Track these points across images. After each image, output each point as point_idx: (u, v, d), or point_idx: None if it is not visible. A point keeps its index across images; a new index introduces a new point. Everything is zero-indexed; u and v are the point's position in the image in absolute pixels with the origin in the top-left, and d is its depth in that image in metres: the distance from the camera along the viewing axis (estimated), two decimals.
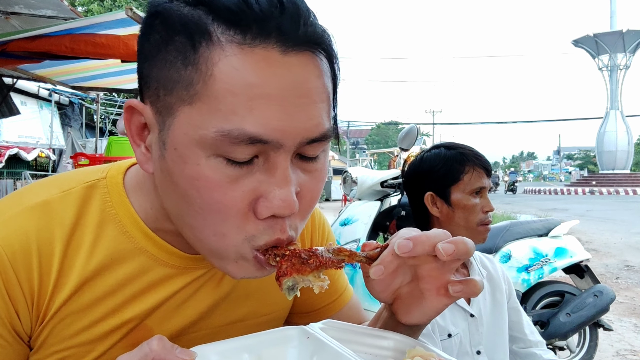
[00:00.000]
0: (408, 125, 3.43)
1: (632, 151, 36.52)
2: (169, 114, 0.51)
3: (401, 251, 0.53)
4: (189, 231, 0.56)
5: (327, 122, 0.53)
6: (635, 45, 34.82)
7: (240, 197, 0.51)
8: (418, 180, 1.45)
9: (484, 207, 1.36)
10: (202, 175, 0.50)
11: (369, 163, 20.91)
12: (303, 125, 0.50)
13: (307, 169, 0.55)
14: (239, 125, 0.47)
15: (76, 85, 5.35)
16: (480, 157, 1.39)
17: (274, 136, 0.49)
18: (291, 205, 0.51)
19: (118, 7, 15.08)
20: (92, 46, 3.05)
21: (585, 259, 3.15)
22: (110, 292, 0.61)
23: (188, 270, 0.65)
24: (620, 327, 4.19)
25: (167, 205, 0.58)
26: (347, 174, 3.51)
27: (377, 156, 32.20)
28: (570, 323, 2.88)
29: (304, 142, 0.51)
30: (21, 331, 0.58)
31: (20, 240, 0.57)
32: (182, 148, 0.50)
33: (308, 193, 0.55)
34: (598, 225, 11.76)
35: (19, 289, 0.56)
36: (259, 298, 0.74)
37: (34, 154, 8.99)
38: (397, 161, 4.23)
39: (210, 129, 0.48)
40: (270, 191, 0.51)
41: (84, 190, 0.63)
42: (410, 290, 0.60)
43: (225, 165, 0.50)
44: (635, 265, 6.91)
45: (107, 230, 0.61)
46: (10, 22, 3.92)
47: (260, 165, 0.51)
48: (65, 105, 9.98)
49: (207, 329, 0.69)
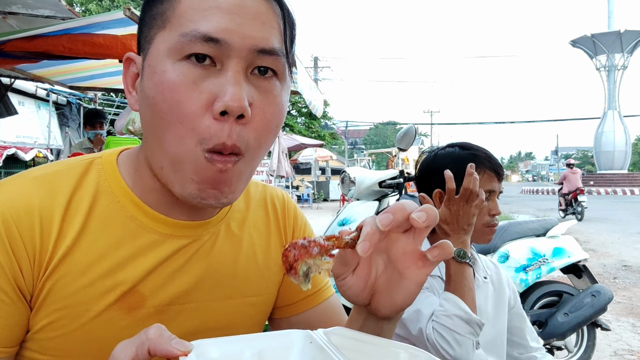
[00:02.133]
0: (406, 125, 3.43)
1: (629, 151, 36.61)
2: (149, 45, 0.62)
3: (384, 224, 0.54)
4: (158, 148, 0.63)
5: (277, 44, 0.62)
6: (632, 45, 34.93)
7: (197, 97, 0.59)
8: (428, 177, 1.46)
9: (490, 210, 1.36)
10: (167, 79, 0.59)
11: (367, 163, 20.95)
12: (250, 33, 0.59)
13: (262, 87, 0.62)
14: (194, 27, 0.58)
15: (74, 85, 5.33)
16: (493, 160, 1.38)
17: (223, 36, 0.58)
18: (240, 101, 0.58)
19: (116, 6, 15.05)
20: (90, 46, 3.04)
21: (583, 259, 3.16)
22: (104, 254, 0.66)
23: (172, 237, 0.70)
24: (618, 327, 4.20)
25: (146, 132, 0.65)
26: (345, 174, 3.51)
27: (375, 156, 32.26)
28: (568, 323, 2.88)
29: (253, 50, 0.60)
30: (23, 287, 0.62)
31: (24, 203, 0.63)
32: (155, 62, 0.61)
33: (260, 111, 0.62)
34: (596, 225, 11.79)
35: (22, 246, 0.61)
36: (245, 279, 0.77)
37: (32, 154, 8.97)
38: (395, 161, 4.23)
39: (174, 37, 0.59)
40: (223, 90, 0.58)
41: (82, 165, 0.70)
42: (387, 276, 0.61)
43: (187, 67, 0.59)
44: (632, 265, 6.93)
45: (100, 200, 0.68)
46: (8, 22, 3.91)
47: (217, 71, 0.59)
48: (63, 105, 9.95)
49: (196, 302, 0.72)
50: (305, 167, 23.63)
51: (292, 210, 0.89)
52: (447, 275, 1.25)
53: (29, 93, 8.79)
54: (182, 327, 0.70)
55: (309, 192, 19.94)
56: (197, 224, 0.72)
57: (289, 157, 16.85)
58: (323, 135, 27.41)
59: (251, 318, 0.80)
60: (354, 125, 61.14)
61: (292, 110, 26.68)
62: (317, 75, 34.62)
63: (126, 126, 4.88)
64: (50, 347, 0.64)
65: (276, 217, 0.86)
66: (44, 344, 0.64)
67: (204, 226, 0.73)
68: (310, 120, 26.74)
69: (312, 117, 25.78)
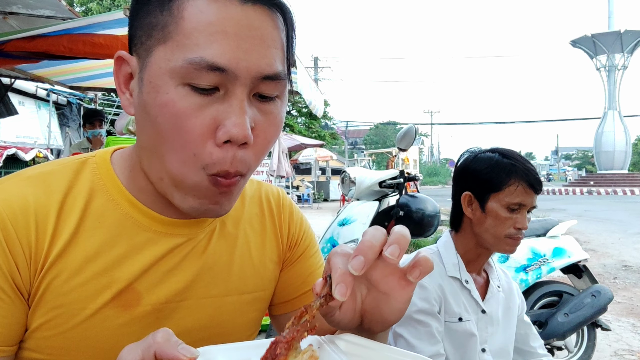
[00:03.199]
0: (406, 125, 3.43)
1: (629, 151, 36.57)
2: (148, 54, 0.61)
3: (357, 269, 0.51)
4: (158, 162, 0.63)
5: (281, 66, 0.62)
6: (633, 45, 34.89)
7: (200, 123, 0.59)
8: (463, 177, 1.44)
9: (516, 223, 1.34)
10: (170, 101, 0.58)
11: (367, 163, 20.91)
12: (256, 61, 0.59)
13: (263, 109, 0.62)
14: (200, 54, 0.57)
15: (74, 85, 5.33)
16: (531, 173, 1.33)
17: (229, 65, 0.57)
18: (245, 130, 0.58)
19: (117, 6, 15.05)
20: (90, 46, 3.04)
21: (583, 259, 3.16)
22: (99, 252, 0.66)
23: (167, 235, 0.70)
24: (618, 327, 4.20)
25: (143, 142, 0.65)
26: (345, 174, 3.52)
27: (376, 156, 32.22)
28: (568, 323, 2.88)
29: (258, 77, 0.59)
30: (21, 285, 0.62)
31: (20, 202, 0.63)
32: (156, 79, 0.59)
33: (262, 133, 0.63)
34: (596, 225, 11.79)
35: (19, 244, 0.62)
36: (241, 277, 0.78)
37: (32, 154, 8.96)
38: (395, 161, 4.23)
39: (178, 60, 0.57)
40: (228, 118, 0.58)
41: (76, 164, 0.71)
42: (373, 298, 0.59)
43: (191, 93, 0.58)
44: (633, 266, 6.92)
45: (95, 198, 0.68)
46: (8, 22, 3.91)
47: (221, 97, 0.59)
48: (63, 105, 9.94)
49: (192, 299, 0.72)
50: (306, 167, 23.62)
51: (287, 206, 0.89)
52: None
53: (29, 93, 8.79)
54: (179, 325, 0.70)
55: (309, 192, 19.94)
56: (192, 223, 0.72)
57: (289, 157, 16.84)
58: (323, 136, 27.41)
59: (248, 315, 0.80)
60: (354, 125, 61.12)
61: (292, 110, 26.68)
62: (317, 75, 34.63)
63: (126, 126, 4.88)
64: (47, 346, 0.64)
65: (271, 214, 0.86)
66: (40, 343, 0.64)
67: (199, 224, 0.73)
68: (311, 120, 26.75)
69: (312, 117, 25.79)
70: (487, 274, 1.48)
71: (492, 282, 1.45)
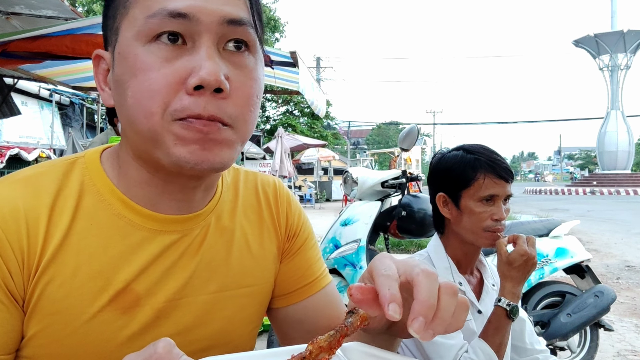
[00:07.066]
0: (409, 125, 3.43)
1: (632, 151, 36.46)
2: (116, 34, 0.61)
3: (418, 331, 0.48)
4: (131, 129, 0.62)
5: (246, 14, 0.61)
6: (636, 45, 34.78)
7: (170, 73, 0.58)
8: (435, 179, 1.46)
9: (493, 214, 1.34)
10: (139, 61, 0.58)
11: (370, 163, 20.91)
12: (217, 7, 0.59)
13: (236, 62, 0.61)
14: (161, 5, 0.57)
15: (77, 85, 5.34)
16: (496, 164, 1.34)
17: (191, 10, 0.57)
18: (216, 73, 0.57)
19: None
20: (93, 46, 3.05)
21: (586, 259, 3.15)
22: (93, 254, 0.64)
23: (162, 233, 0.69)
24: (621, 327, 4.19)
25: (124, 124, 0.64)
26: (347, 174, 3.51)
27: (378, 156, 32.20)
28: (571, 323, 2.87)
29: (221, 22, 0.59)
30: (15, 292, 0.60)
31: (9, 206, 0.61)
32: (124, 48, 0.60)
33: (240, 85, 0.61)
34: (599, 225, 11.75)
35: (10, 249, 0.60)
36: (239, 270, 0.76)
37: (35, 154, 8.99)
38: (397, 161, 4.23)
39: (141, 20, 0.58)
40: (197, 65, 0.58)
41: (65, 165, 0.69)
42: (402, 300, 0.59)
43: (158, 48, 0.58)
44: (636, 266, 6.90)
45: (86, 198, 0.67)
46: (11, 22, 3.93)
47: (189, 50, 0.59)
48: (66, 105, 9.97)
49: (191, 296, 0.71)
50: (308, 167, 23.64)
51: (284, 196, 0.87)
52: (490, 322, 1.28)
53: (32, 93, 8.81)
54: (179, 324, 0.69)
55: (312, 192, 19.93)
56: (186, 218, 0.70)
57: (292, 157, 16.85)
58: (325, 136, 27.40)
59: (249, 309, 0.78)
60: (357, 125, 61.05)
61: (295, 111, 26.69)
62: (319, 75, 34.63)
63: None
64: (45, 354, 0.63)
65: (268, 204, 0.84)
66: (38, 351, 0.63)
67: (194, 219, 0.71)
68: (313, 120, 26.73)
69: (315, 117, 25.76)
70: (481, 273, 1.48)
71: (486, 281, 1.45)
